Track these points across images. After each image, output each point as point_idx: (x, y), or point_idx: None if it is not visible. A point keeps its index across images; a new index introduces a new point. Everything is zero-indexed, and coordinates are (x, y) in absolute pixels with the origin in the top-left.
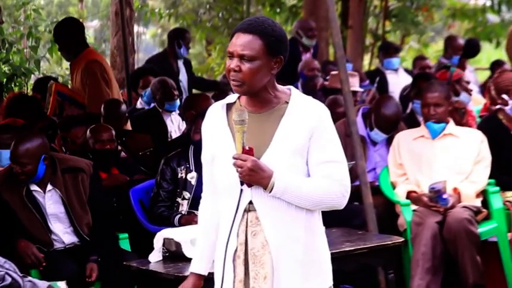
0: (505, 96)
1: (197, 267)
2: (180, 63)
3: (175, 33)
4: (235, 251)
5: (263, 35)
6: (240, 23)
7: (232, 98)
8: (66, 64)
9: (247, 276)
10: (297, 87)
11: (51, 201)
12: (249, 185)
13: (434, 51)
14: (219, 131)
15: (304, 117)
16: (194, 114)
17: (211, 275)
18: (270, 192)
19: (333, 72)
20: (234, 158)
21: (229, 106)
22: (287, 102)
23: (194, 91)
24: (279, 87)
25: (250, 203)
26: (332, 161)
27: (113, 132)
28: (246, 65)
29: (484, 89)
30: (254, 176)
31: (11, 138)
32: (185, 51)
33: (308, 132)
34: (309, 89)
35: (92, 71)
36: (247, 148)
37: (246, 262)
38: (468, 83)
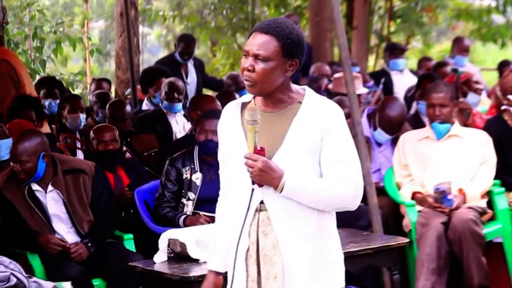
0: (510, 96)
1: (214, 264)
2: (190, 65)
3: (177, 38)
4: (247, 250)
5: (280, 36)
6: (260, 22)
7: (247, 97)
8: (71, 64)
9: (260, 275)
10: None
11: (52, 202)
12: (260, 185)
13: (437, 51)
14: (232, 131)
15: (316, 117)
16: (199, 115)
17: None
18: (281, 192)
19: (336, 75)
20: (245, 157)
21: (244, 105)
22: (300, 102)
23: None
24: (294, 88)
25: (262, 202)
26: (344, 162)
27: (116, 132)
28: (260, 65)
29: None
30: (264, 176)
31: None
32: (178, 56)
33: (320, 132)
34: (313, 90)
35: None
36: (258, 148)
37: (258, 261)
38: (477, 82)
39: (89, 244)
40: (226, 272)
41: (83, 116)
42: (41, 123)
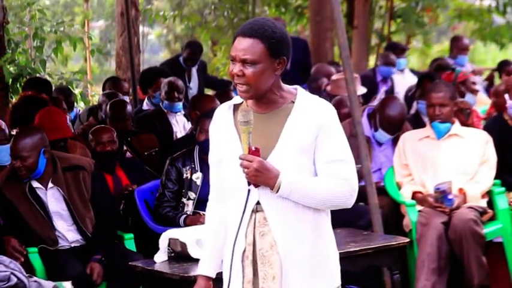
0: (506, 95)
1: (205, 269)
2: (194, 69)
3: (185, 44)
4: (244, 251)
5: (264, 38)
6: (241, 26)
7: (239, 98)
8: (71, 64)
9: (256, 276)
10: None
11: (53, 199)
12: (256, 186)
13: (436, 51)
14: (225, 132)
15: (310, 116)
16: (199, 115)
17: (220, 275)
18: (277, 192)
19: (334, 77)
20: (240, 158)
21: (236, 107)
22: (293, 102)
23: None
24: (285, 87)
25: (258, 203)
26: (339, 160)
27: (114, 134)
28: (249, 69)
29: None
30: (260, 177)
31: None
32: (182, 61)
33: (314, 131)
34: (314, 90)
35: None
36: (253, 148)
37: (255, 262)
38: (474, 83)
39: (102, 259)
40: (216, 277)
41: None
42: None
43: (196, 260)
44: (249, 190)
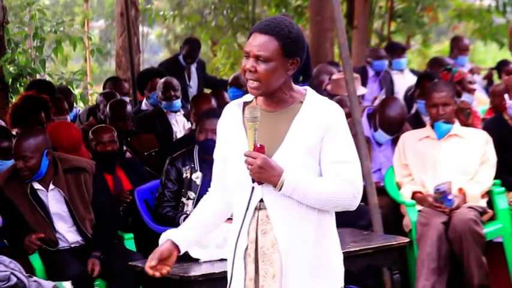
0: (506, 95)
1: (176, 236)
2: (193, 68)
3: (183, 41)
4: (246, 249)
5: (279, 36)
6: (258, 22)
7: (249, 97)
8: (71, 64)
9: (258, 274)
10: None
11: (54, 200)
12: (260, 183)
13: (435, 51)
14: (233, 129)
15: (317, 117)
16: (199, 115)
17: (223, 274)
18: (280, 190)
19: (334, 77)
20: (245, 155)
21: (245, 105)
22: (302, 102)
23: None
24: (295, 87)
25: (261, 201)
26: (344, 162)
27: (115, 133)
28: (262, 65)
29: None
30: (264, 174)
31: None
32: (182, 59)
33: (321, 131)
34: (315, 86)
35: None
36: (258, 145)
37: (257, 260)
38: (471, 83)
39: (101, 256)
40: (219, 273)
41: None
42: (50, 124)
43: (197, 260)
44: (252, 187)
